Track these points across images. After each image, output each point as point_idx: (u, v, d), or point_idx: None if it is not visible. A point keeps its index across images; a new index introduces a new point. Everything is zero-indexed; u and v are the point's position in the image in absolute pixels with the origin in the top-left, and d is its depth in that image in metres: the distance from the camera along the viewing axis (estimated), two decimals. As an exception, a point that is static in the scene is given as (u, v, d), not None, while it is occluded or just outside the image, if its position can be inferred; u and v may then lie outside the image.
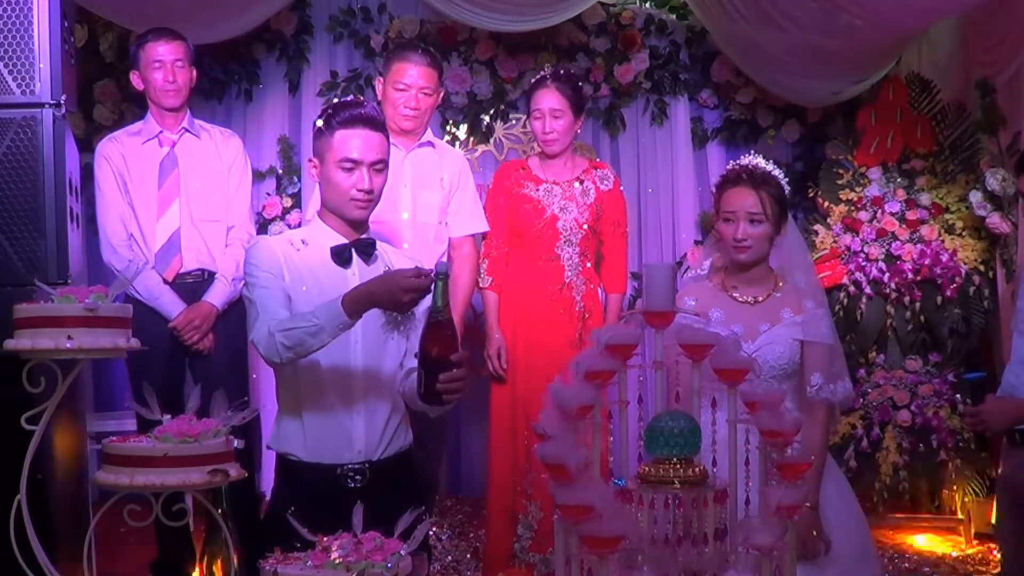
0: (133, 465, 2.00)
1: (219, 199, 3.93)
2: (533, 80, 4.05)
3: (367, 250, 2.66)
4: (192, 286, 3.87)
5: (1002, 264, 4.68)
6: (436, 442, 3.90)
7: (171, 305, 3.80)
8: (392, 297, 2.40)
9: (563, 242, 3.96)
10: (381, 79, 3.85)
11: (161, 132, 3.88)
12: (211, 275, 3.89)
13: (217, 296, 3.86)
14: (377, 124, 2.63)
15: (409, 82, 3.73)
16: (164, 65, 3.81)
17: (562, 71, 4.03)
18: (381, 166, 2.62)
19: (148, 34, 3.87)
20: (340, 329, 2.42)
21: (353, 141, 2.59)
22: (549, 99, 3.89)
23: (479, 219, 3.96)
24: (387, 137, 2.67)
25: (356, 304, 2.41)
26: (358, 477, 2.60)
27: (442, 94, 3.97)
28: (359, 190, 2.59)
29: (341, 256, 2.63)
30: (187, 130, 3.92)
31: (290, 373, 2.58)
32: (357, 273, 2.63)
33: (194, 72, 3.95)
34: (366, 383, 2.61)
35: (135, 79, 3.89)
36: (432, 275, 2.38)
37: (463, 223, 3.90)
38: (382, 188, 2.65)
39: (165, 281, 3.82)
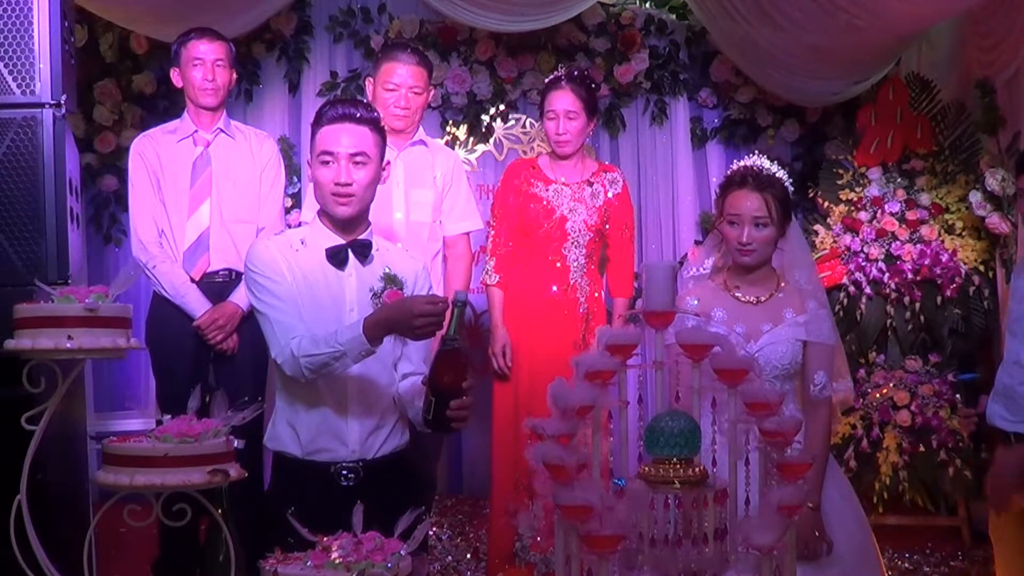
0: (133, 465, 2.00)
1: (250, 200, 3.94)
2: (547, 80, 4.04)
3: (363, 251, 2.65)
4: (219, 286, 3.87)
5: (1002, 264, 4.68)
6: (434, 441, 3.90)
7: (197, 304, 3.80)
8: (407, 323, 2.43)
9: (570, 243, 3.96)
10: (371, 80, 3.86)
11: (196, 131, 3.89)
12: (238, 275, 3.88)
13: (243, 297, 3.85)
14: (362, 120, 2.61)
15: (398, 82, 3.74)
16: (204, 64, 3.83)
17: (576, 72, 4.02)
18: (362, 159, 2.59)
19: (191, 32, 3.89)
20: (363, 355, 2.48)
21: (332, 135, 2.60)
22: (564, 100, 3.89)
23: (473, 217, 3.96)
24: (377, 134, 2.64)
25: (375, 330, 2.45)
26: (351, 476, 2.61)
27: (432, 93, 3.97)
28: (336, 183, 2.58)
29: (336, 258, 2.63)
30: (222, 130, 3.93)
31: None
32: (354, 274, 2.64)
33: (234, 74, 3.96)
34: (359, 384, 2.61)
35: (175, 76, 3.91)
36: (449, 302, 2.40)
37: (457, 221, 3.91)
38: (367, 184, 2.61)
39: (193, 280, 3.82)
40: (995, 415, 3.04)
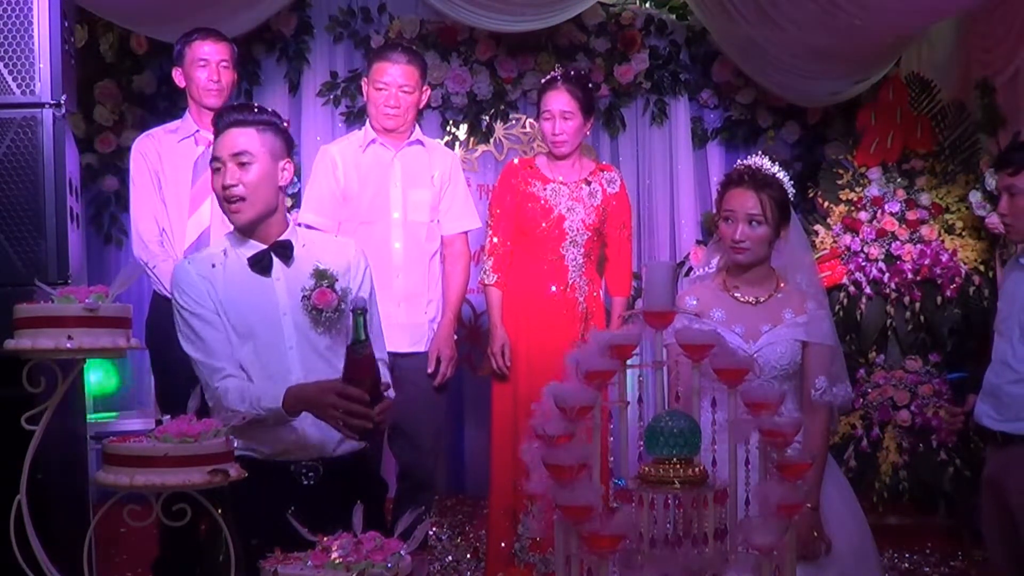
0: (133, 465, 1.99)
1: None
2: (543, 80, 4.04)
3: (284, 253, 2.63)
4: None
5: (1002, 264, 4.68)
6: (433, 442, 3.90)
7: None
8: (322, 406, 2.44)
9: (568, 243, 3.96)
10: (366, 80, 3.87)
11: (198, 131, 3.89)
12: None
13: None
14: (247, 122, 2.59)
15: (388, 80, 3.75)
16: (209, 64, 3.83)
17: (572, 72, 4.02)
18: (246, 159, 2.56)
19: (194, 33, 3.89)
20: (285, 422, 2.52)
21: (219, 143, 2.60)
22: (559, 100, 3.89)
23: (471, 216, 3.96)
24: (267, 133, 2.60)
25: (295, 405, 2.47)
26: (311, 475, 2.62)
27: (429, 93, 3.97)
28: (223, 187, 2.57)
29: (259, 265, 2.62)
30: None
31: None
32: (282, 278, 2.63)
33: (236, 74, 3.96)
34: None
35: (177, 76, 3.91)
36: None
37: (455, 220, 3.91)
38: (256, 183, 2.57)
39: None
40: (982, 414, 3.08)
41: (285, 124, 2.73)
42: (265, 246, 2.63)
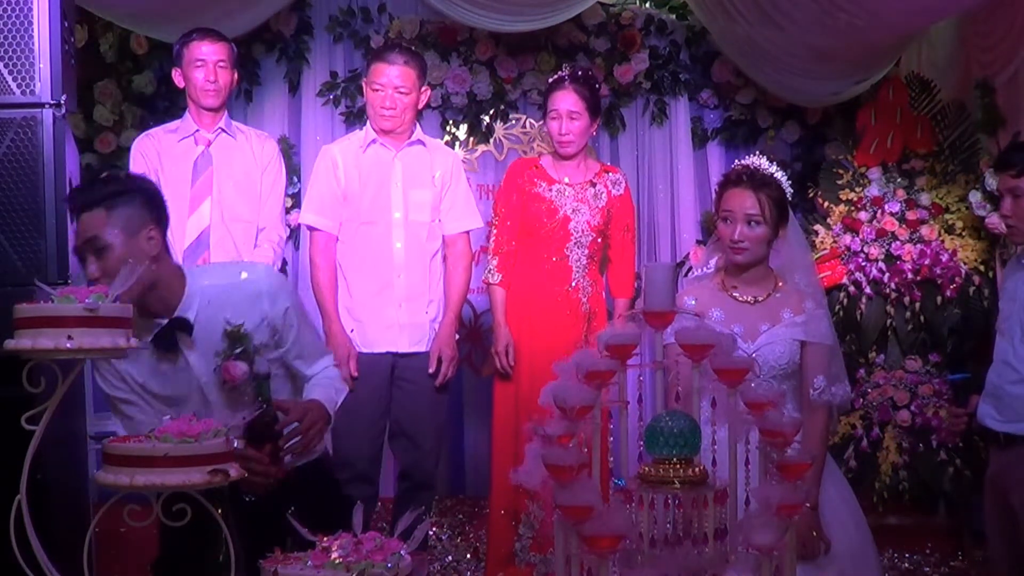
0: (133, 465, 1.99)
1: (251, 200, 3.96)
2: (551, 80, 4.05)
3: (185, 329, 2.53)
4: None
5: (1002, 264, 4.68)
6: (434, 442, 3.90)
7: None
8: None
9: (573, 243, 3.96)
10: (365, 80, 3.88)
11: (197, 131, 3.91)
12: None
13: None
14: (95, 203, 2.45)
15: (384, 82, 3.76)
16: (206, 64, 3.84)
17: (580, 72, 4.02)
18: (100, 244, 2.44)
19: (192, 33, 3.90)
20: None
21: (76, 230, 2.52)
22: (567, 100, 3.89)
23: (473, 216, 3.97)
24: (119, 207, 2.46)
25: None
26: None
27: (428, 93, 3.98)
28: (91, 280, 2.44)
29: (164, 345, 2.53)
30: (223, 130, 3.94)
31: None
32: (194, 347, 2.54)
33: (235, 74, 3.96)
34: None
35: (176, 76, 3.92)
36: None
37: (456, 220, 3.91)
38: (111, 266, 2.41)
39: None
40: (985, 415, 3.08)
41: (143, 184, 2.61)
42: (167, 319, 2.54)
